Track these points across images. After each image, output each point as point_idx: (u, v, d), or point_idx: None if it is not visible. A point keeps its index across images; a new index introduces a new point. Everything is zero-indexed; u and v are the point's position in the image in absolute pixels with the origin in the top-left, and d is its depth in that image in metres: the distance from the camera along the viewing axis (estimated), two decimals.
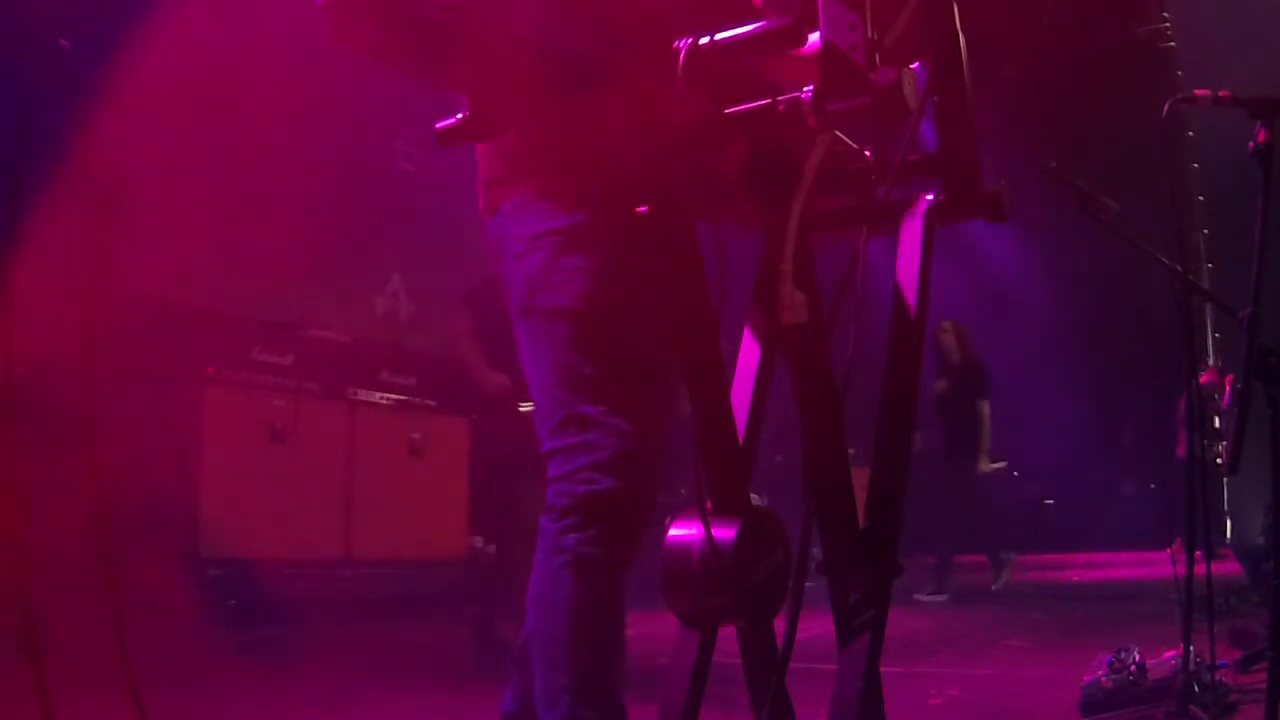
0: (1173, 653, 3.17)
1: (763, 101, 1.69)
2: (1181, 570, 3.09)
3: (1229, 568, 6.43)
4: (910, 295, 1.95)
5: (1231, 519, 10.48)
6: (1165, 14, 11.95)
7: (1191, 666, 3.04)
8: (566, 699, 1.88)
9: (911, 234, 1.97)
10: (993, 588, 8.22)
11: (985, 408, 8.32)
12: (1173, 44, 11.84)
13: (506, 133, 2.11)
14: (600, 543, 1.93)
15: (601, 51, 1.63)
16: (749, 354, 1.96)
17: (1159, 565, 6.11)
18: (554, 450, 2.00)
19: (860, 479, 1.89)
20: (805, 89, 1.61)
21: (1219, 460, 8.60)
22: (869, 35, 1.56)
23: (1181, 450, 11.06)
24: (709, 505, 1.86)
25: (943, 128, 1.93)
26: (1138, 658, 3.27)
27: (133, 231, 5.07)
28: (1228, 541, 9.46)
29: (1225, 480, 9.84)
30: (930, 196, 1.97)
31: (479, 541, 7.27)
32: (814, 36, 1.62)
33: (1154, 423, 10.76)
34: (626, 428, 1.96)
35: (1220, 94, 2.68)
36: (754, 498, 1.93)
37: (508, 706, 2.30)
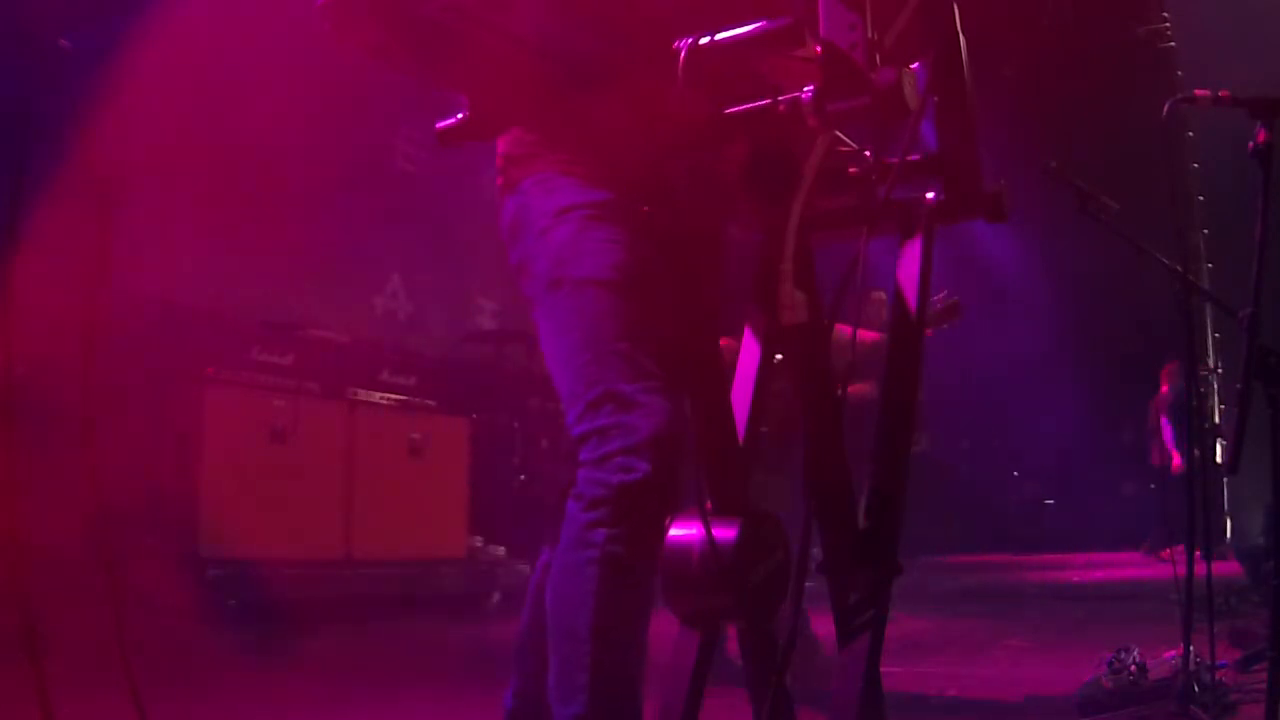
0: (1173, 653, 3.17)
1: (763, 101, 1.69)
2: (1181, 570, 3.09)
3: (1229, 567, 6.43)
4: (910, 295, 1.95)
5: (1231, 519, 10.48)
6: (1165, 14, 11.96)
7: (1191, 666, 3.04)
8: (582, 698, 1.84)
9: (912, 234, 1.97)
10: None
11: None
12: (1173, 44, 11.84)
13: (506, 132, 2.10)
14: (629, 540, 1.85)
15: (601, 51, 1.64)
16: (749, 354, 1.96)
17: (1159, 565, 6.11)
18: (586, 433, 1.90)
19: None
20: (805, 89, 1.61)
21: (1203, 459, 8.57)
22: (869, 35, 1.56)
23: (1156, 458, 11.14)
24: (709, 505, 1.86)
25: (943, 128, 1.93)
26: (1138, 658, 3.27)
27: (133, 231, 5.07)
28: (1228, 541, 9.46)
29: (1225, 480, 9.85)
30: (930, 196, 1.98)
31: (478, 541, 7.28)
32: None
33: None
34: (663, 406, 1.86)
35: (1220, 94, 2.68)
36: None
37: (509, 705, 2.29)
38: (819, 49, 1.61)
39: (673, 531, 1.86)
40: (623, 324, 1.90)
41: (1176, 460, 11.03)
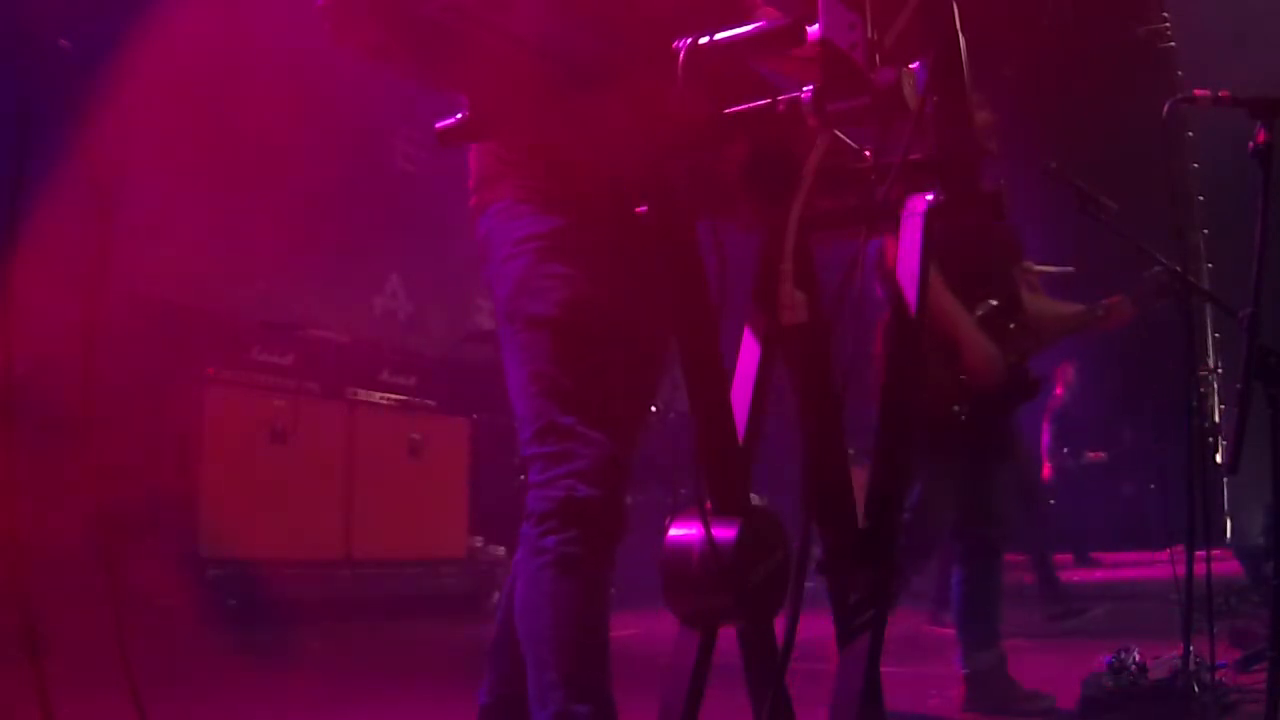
0: (1173, 653, 3.17)
1: (763, 101, 1.69)
2: (1181, 570, 3.09)
3: (1229, 567, 6.43)
4: (910, 295, 1.95)
5: (1231, 519, 10.48)
6: (1165, 14, 11.94)
7: (1191, 666, 3.04)
8: (558, 695, 1.93)
9: (911, 234, 1.97)
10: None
11: None
12: (1173, 44, 11.84)
13: (505, 132, 2.12)
14: (580, 542, 2.01)
15: (601, 51, 1.63)
16: (749, 354, 1.95)
17: (1159, 565, 6.11)
18: (535, 456, 2.08)
19: (860, 478, 1.90)
20: (805, 89, 1.61)
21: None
22: (869, 35, 1.56)
23: (1047, 474, 11.28)
24: (709, 505, 1.86)
25: (943, 128, 1.92)
26: (1138, 658, 3.27)
27: (133, 231, 5.07)
28: (1228, 541, 9.45)
29: (1225, 480, 9.85)
30: (930, 196, 1.97)
31: (478, 541, 7.27)
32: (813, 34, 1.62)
33: (1154, 423, 10.76)
34: (602, 438, 2.03)
35: (1220, 94, 2.68)
36: (754, 498, 1.93)
37: (483, 701, 2.34)
38: (818, 49, 1.61)
39: (673, 531, 1.86)
40: (567, 361, 2.08)
41: (1047, 469, 11.21)
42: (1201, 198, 11.39)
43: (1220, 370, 11.74)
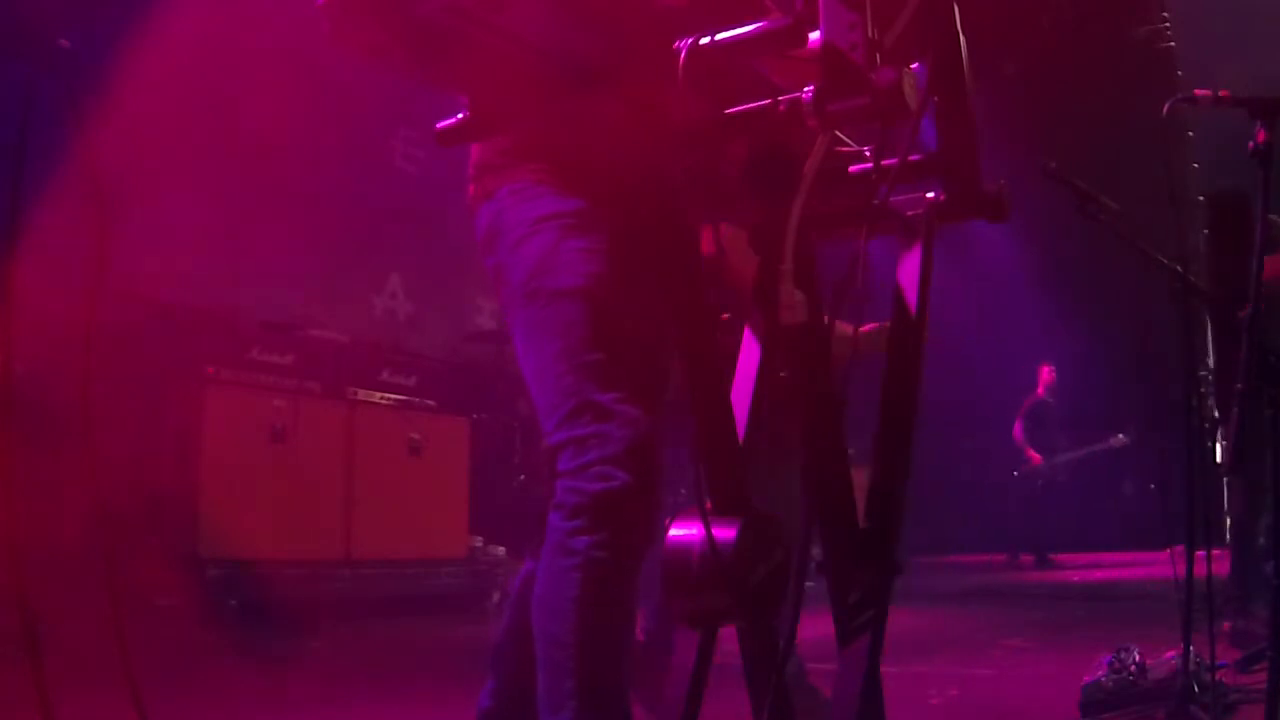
0: (1173, 653, 3.17)
1: (763, 101, 1.69)
2: (1181, 570, 3.09)
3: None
4: (910, 295, 1.95)
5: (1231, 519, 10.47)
6: (1165, 14, 11.95)
7: (1191, 666, 3.04)
8: (572, 705, 1.86)
9: (912, 234, 1.97)
10: None
11: None
12: (1173, 44, 11.84)
13: (506, 132, 2.10)
14: (611, 546, 1.89)
15: (601, 51, 1.63)
16: (749, 354, 1.95)
17: (1159, 565, 6.10)
18: (564, 442, 1.93)
19: (860, 479, 1.89)
20: (805, 89, 1.61)
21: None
22: (869, 35, 1.56)
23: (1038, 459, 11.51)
24: (709, 505, 1.86)
25: (943, 128, 1.92)
26: (1138, 658, 3.27)
27: (133, 231, 5.07)
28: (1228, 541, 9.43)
29: (1225, 480, 9.84)
30: (930, 196, 1.97)
31: (478, 541, 7.28)
32: (814, 36, 1.62)
33: (1153, 423, 10.77)
34: (639, 416, 1.90)
35: (1220, 94, 2.68)
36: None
37: (484, 705, 2.31)
38: (819, 49, 1.61)
39: (672, 531, 1.86)
40: (599, 335, 1.93)
41: (1037, 457, 11.63)
42: (1201, 198, 11.39)
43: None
